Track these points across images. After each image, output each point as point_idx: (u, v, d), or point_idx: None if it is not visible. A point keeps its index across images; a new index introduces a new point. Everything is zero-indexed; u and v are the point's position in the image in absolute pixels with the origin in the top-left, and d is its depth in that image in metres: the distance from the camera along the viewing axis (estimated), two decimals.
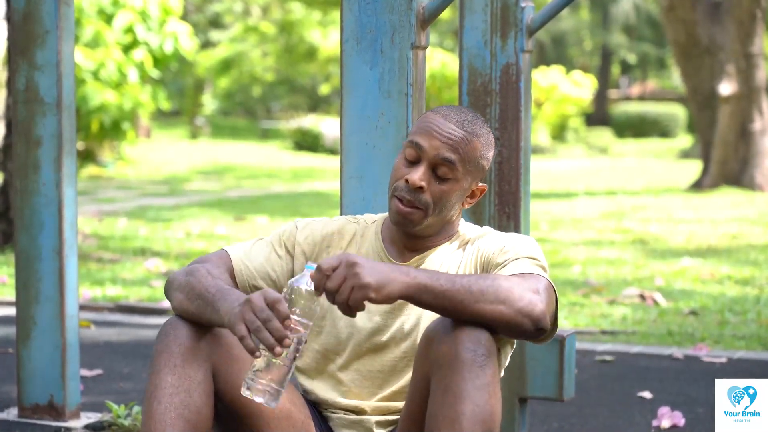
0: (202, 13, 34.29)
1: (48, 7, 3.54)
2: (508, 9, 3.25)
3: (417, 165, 2.34)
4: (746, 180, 15.00)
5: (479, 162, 2.37)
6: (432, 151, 2.32)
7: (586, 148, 27.59)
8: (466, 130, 2.34)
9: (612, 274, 7.47)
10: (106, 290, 6.61)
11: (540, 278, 2.22)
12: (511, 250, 2.31)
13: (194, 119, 30.27)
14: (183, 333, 2.23)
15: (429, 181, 2.33)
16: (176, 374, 2.21)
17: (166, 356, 2.22)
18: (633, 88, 41.02)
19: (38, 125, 3.58)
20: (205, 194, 15.24)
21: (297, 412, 2.35)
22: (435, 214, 2.35)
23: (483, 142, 2.37)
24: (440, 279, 2.12)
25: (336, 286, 2.07)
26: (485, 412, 2.10)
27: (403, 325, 2.37)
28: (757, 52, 14.86)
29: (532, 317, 2.14)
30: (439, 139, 2.32)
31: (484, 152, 2.37)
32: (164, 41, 16.16)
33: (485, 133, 2.38)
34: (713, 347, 5.16)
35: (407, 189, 2.33)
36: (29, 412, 3.61)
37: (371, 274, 2.07)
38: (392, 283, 2.08)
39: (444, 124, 2.34)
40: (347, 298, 2.07)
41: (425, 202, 2.33)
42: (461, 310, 2.12)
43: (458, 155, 2.32)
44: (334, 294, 2.07)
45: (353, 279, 2.07)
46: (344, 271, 2.07)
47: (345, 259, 2.08)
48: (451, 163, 2.32)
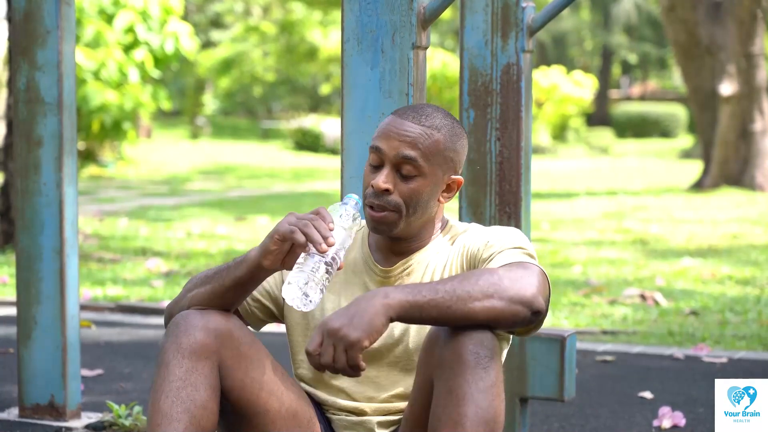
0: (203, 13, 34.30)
1: (49, 6, 3.54)
2: (509, 9, 3.25)
3: (381, 169, 2.33)
4: (747, 180, 14.99)
5: (445, 154, 2.34)
6: (391, 151, 2.31)
7: (587, 148, 27.59)
8: (423, 125, 2.32)
9: (613, 274, 7.46)
10: (107, 290, 6.61)
11: (527, 264, 2.21)
12: (495, 244, 2.29)
13: (195, 119, 30.27)
14: (192, 328, 2.24)
15: (394, 182, 2.31)
16: (183, 368, 2.21)
17: (174, 350, 2.22)
18: (634, 88, 41.02)
19: (39, 125, 3.58)
20: (206, 194, 15.24)
21: (302, 411, 2.35)
22: (410, 214, 2.33)
23: (445, 133, 2.34)
24: (422, 290, 2.11)
25: (331, 358, 2.07)
26: (488, 414, 2.10)
27: (393, 330, 2.36)
28: (757, 52, 14.85)
29: (524, 302, 2.13)
30: (396, 138, 2.31)
31: (449, 144, 2.34)
32: (165, 41, 16.17)
33: (447, 125, 2.35)
34: (714, 347, 5.15)
35: (375, 194, 2.32)
36: (30, 412, 3.61)
37: (353, 326, 2.06)
38: (375, 318, 2.07)
39: (401, 123, 2.33)
40: (346, 361, 2.07)
41: (395, 203, 2.32)
42: (452, 316, 2.11)
43: (419, 151, 2.30)
44: (334, 365, 2.08)
45: (341, 342, 2.06)
46: (329, 341, 2.07)
47: (324, 330, 2.09)
48: (412, 160, 2.30)
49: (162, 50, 16.20)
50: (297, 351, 2.46)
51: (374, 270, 2.41)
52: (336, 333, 2.06)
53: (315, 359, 2.09)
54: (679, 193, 15.07)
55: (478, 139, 3.27)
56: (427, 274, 2.38)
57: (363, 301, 2.09)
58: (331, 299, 2.42)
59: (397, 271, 2.39)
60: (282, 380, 2.33)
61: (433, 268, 2.38)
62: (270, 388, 2.29)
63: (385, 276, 2.39)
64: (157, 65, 16.51)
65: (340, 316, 2.08)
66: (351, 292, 2.41)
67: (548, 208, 12.64)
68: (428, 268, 2.38)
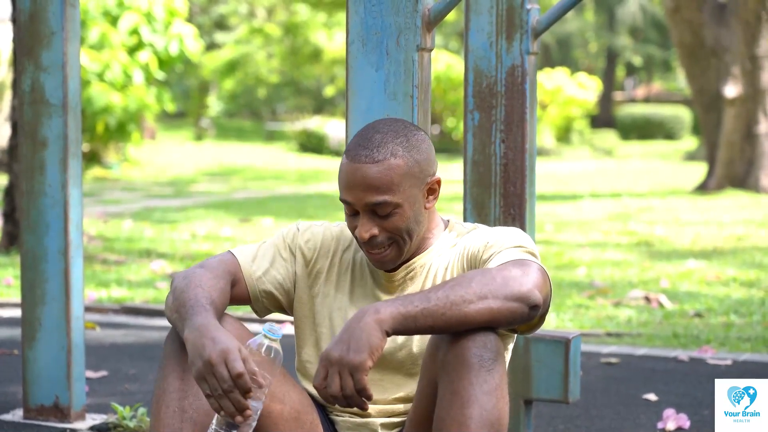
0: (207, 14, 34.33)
1: (54, 8, 3.54)
2: (514, 11, 3.25)
3: (358, 215, 2.31)
4: (751, 182, 14.98)
5: (411, 173, 2.29)
6: (359, 202, 2.28)
7: (592, 150, 27.57)
8: (377, 160, 2.26)
9: (617, 276, 7.46)
10: (112, 292, 6.61)
11: (524, 261, 2.19)
12: (495, 244, 2.28)
13: (199, 121, 30.29)
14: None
15: (375, 224, 2.29)
16: (184, 378, 2.21)
17: (174, 360, 2.23)
18: (638, 90, 40.99)
19: (44, 126, 3.58)
20: (211, 196, 15.25)
21: (306, 413, 2.36)
22: (407, 240, 2.32)
23: (403, 154, 2.28)
24: (413, 301, 2.10)
25: (338, 387, 2.07)
26: (493, 416, 2.10)
27: (396, 336, 2.36)
28: (762, 53, 14.84)
29: (520, 298, 2.12)
30: (359, 189, 2.27)
31: (410, 161, 2.28)
32: (169, 43, 16.19)
33: (402, 143, 2.29)
34: (718, 349, 5.15)
35: (364, 244, 2.32)
36: (34, 414, 3.61)
37: (353, 350, 2.06)
38: (372, 336, 2.07)
39: (356, 170, 2.26)
40: (353, 386, 2.07)
41: (387, 240, 2.31)
42: (448, 322, 2.10)
43: (384, 191, 2.26)
44: (342, 392, 2.07)
45: (345, 369, 2.06)
46: (334, 370, 2.07)
47: (325, 360, 2.08)
48: (382, 203, 2.27)
49: (166, 52, 16.22)
50: (302, 345, 2.47)
51: (378, 274, 2.41)
52: (339, 361, 2.07)
53: (324, 392, 2.10)
54: (683, 195, 15.06)
55: (483, 141, 3.27)
56: (429, 278, 2.38)
57: (354, 323, 2.09)
58: (338, 298, 2.42)
59: (400, 275, 2.39)
60: (284, 382, 2.33)
61: (435, 271, 2.38)
62: (272, 391, 2.29)
63: (390, 280, 2.39)
64: (161, 67, 16.52)
65: (338, 345, 2.08)
66: (357, 294, 2.42)
67: (553, 210, 12.63)
68: (430, 271, 2.38)
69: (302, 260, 2.45)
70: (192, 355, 2.11)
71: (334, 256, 2.46)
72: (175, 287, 2.28)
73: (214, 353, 2.07)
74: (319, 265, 2.45)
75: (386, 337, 2.08)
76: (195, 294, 2.23)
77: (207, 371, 2.07)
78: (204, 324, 2.14)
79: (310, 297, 2.45)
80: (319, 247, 2.46)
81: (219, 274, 2.35)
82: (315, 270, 2.45)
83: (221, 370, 2.06)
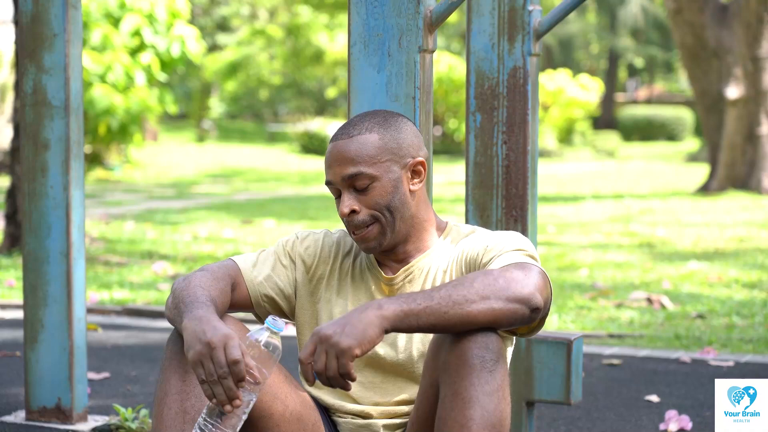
0: (209, 16, 34.35)
1: (56, 10, 3.54)
2: (516, 12, 3.25)
3: (341, 197, 2.35)
4: (753, 183, 14.98)
5: (388, 147, 2.33)
6: (337, 177, 2.33)
7: (593, 152, 27.58)
8: (353, 135, 2.33)
9: (619, 278, 7.46)
10: (114, 293, 6.61)
11: (525, 264, 2.19)
12: (495, 248, 2.29)
13: (201, 122, 30.32)
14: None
15: (356, 200, 2.32)
16: (186, 380, 2.22)
17: (175, 362, 2.23)
18: (640, 92, 41.01)
19: (46, 128, 3.58)
20: (213, 197, 15.26)
21: (308, 414, 2.36)
22: (390, 219, 2.34)
23: (378, 129, 2.33)
24: (416, 299, 2.10)
25: (323, 364, 2.06)
26: (494, 417, 2.10)
27: (397, 340, 2.37)
28: (764, 55, 14.83)
29: (522, 300, 2.12)
30: (336, 164, 2.32)
31: (386, 136, 2.34)
32: (171, 44, 16.19)
33: (378, 121, 2.35)
34: (720, 351, 5.15)
35: (347, 222, 2.34)
36: (36, 415, 3.61)
37: (346, 334, 2.05)
38: (369, 328, 2.06)
39: (334, 147, 2.34)
40: (337, 368, 2.06)
41: (369, 217, 2.33)
42: (450, 321, 2.10)
43: (359, 162, 2.31)
44: (326, 372, 2.06)
45: (333, 349, 2.05)
46: (322, 348, 2.06)
47: (317, 337, 2.07)
48: (357, 175, 2.31)
49: (168, 54, 16.22)
50: None
51: (378, 277, 2.42)
52: (328, 340, 2.06)
53: (307, 368, 2.08)
54: (685, 196, 15.05)
55: (485, 143, 3.27)
56: (428, 280, 2.38)
57: (356, 313, 2.09)
58: (339, 303, 2.43)
59: (399, 278, 2.40)
60: (286, 384, 2.34)
61: (434, 273, 2.38)
62: (274, 392, 2.30)
63: (389, 283, 2.40)
64: (163, 68, 16.53)
65: (333, 325, 2.07)
66: (358, 298, 2.42)
67: (555, 212, 12.63)
68: (429, 274, 2.38)
69: (302, 267, 2.46)
70: (191, 340, 2.10)
71: (335, 262, 2.46)
72: (175, 288, 2.28)
73: (216, 336, 2.07)
74: (320, 272, 2.46)
75: (383, 334, 2.08)
76: (195, 292, 2.23)
77: (205, 354, 2.07)
78: (205, 315, 2.14)
79: (311, 303, 2.46)
80: (319, 254, 2.47)
81: (220, 276, 2.35)
82: (316, 276, 2.46)
83: (219, 354, 2.06)
